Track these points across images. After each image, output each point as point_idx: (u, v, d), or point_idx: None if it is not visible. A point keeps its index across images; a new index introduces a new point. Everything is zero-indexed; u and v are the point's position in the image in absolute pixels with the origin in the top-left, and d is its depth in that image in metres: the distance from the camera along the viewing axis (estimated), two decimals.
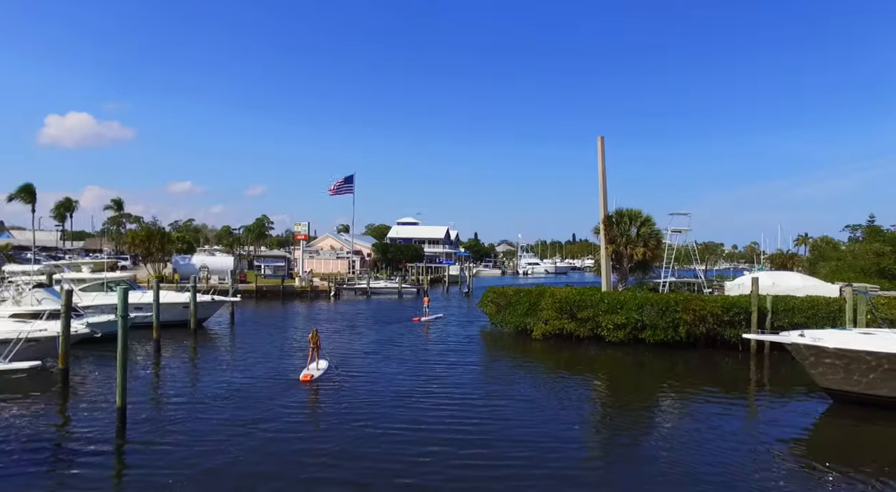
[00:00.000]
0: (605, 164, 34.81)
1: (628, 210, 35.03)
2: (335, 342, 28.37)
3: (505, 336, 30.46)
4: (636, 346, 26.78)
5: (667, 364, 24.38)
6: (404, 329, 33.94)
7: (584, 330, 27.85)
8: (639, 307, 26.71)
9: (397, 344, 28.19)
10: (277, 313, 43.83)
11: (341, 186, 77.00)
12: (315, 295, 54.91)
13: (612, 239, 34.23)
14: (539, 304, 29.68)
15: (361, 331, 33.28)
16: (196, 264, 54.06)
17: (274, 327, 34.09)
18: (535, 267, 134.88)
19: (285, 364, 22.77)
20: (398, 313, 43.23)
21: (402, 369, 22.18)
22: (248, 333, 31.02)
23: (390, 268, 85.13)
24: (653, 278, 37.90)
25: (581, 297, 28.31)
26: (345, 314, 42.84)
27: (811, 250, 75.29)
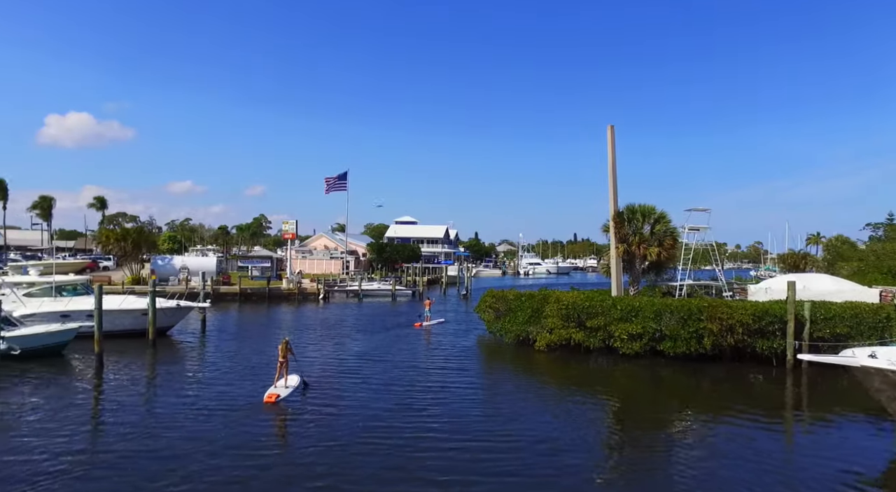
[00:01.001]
0: (615, 155, 31.58)
1: (641, 206, 31.78)
2: (315, 354, 25.17)
3: (505, 347, 27.22)
4: (654, 359, 23.62)
5: (690, 380, 21.31)
6: (394, 338, 30.70)
7: (595, 341, 24.64)
8: (656, 315, 23.50)
9: (383, 357, 24.99)
10: (259, 319, 40.61)
11: (335, 182, 73.73)
12: (303, 298, 51.68)
13: (623, 238, 30.98)
14: (543, 310, 26.48)
15: (345, 341, 30.07)
16: (176, 265, 50.89)
17: (250, 336, 30.86)
18: (537, 267, 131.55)
19: (251, 382, 19.66)
20: (390, 318, 40.00)
21: (384, 391, 18.94)
22: (219, 344, 27.79)
23: (386, 268, 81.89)
24: (666, 281, 34.66)
25: (590, 302, 25.10)
26: (331, 320, 39.64)
27: (826, 250, 71.93)
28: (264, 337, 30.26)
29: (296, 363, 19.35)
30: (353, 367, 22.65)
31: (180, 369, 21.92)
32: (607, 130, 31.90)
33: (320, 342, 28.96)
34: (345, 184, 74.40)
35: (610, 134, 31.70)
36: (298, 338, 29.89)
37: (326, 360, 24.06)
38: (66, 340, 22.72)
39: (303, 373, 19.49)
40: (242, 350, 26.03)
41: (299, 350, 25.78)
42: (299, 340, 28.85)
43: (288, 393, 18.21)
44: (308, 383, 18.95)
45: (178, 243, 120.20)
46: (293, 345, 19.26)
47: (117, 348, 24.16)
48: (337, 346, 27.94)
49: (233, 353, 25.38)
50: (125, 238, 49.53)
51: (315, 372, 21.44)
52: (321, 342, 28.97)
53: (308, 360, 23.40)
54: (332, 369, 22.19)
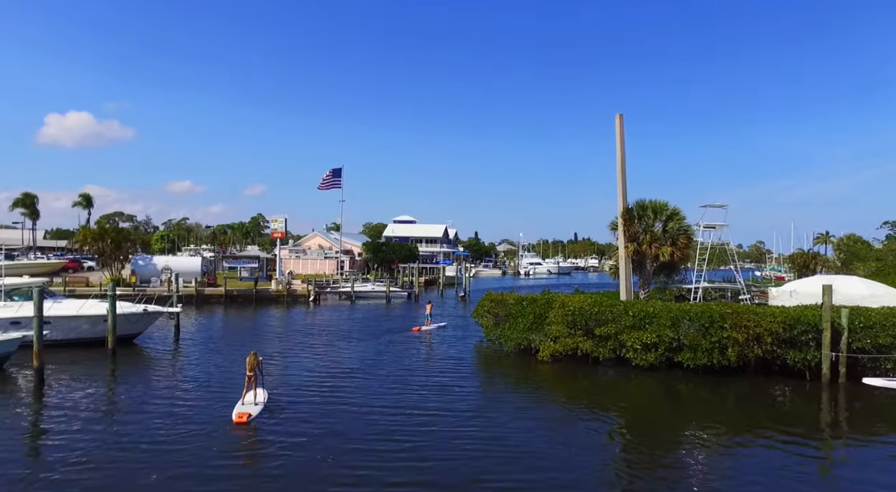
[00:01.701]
0: (624, 146, 29.10)
1: (652, 202, 29.29)
2: (295, 366, 22.70)
3: (504, 357, 24.73)
4: (670, 371, 21.19)
5: (712, 396, 19.00)
6: (385, 346, 28.24)
7: (604, 350, 22.19)
8: (674, 323, 21.03)
9: (369, 370, 22.53)
10: (243, 324, 38.16)
11: (329, 179, 71.28)
12: (292, 300, 49.17)
13: (632, 236, 28.50)
14: (546, 316, 24.04)
15: (331, 349, 27.61)
16: (158, 266, 48.42)
17: (229, 344, 28.37)
18: (538, 267, 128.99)
19: (221, 399, 17.26)
20: (382, 323, 37.53)
21: (368, 412, 16.47)
22: (191, 353, 25.32)
23: (381, 268, 79.38)
24: (678, 283, 32.21)
25: (599, 308, 22.65)
26: (319, 325, 37.17)
27: (837, 249, 69.33)
28: (244, 345, 27.79)
29: (262, 379, 16.96)
30: (335, 381, 20.18)
31: (140, 384, 19.43)
32: (616, 120, 29.43)
33: (303, 351, 26.48)
34: (339, 181, 71.97)
35: (618, 123, 29.23)
36: (281, 346, 27.46)
37: (308, 372, 21.60)
38: (9, 352, 20.23)
39: (270, 390, 17.08)
40: (216, 360, 23.57)
41: (279, 360, 23.46)
42: (281, 348, 26.43)
43: (259, 411, 16.07)
44: (264, 402, 16.60)
45: (170, 243, 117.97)
46: (267, 356, 16.88)
47: (72, 359, 21.75)
48: (321, 355, 25.47)
49: (205, 363, 22.93)
50: (103, 237, 47.01)
51: (295, 386, 19.04)
52: (304, 351, 26.49)
53: (287, 372, 20.97)
54: (314, 383, 19.73)
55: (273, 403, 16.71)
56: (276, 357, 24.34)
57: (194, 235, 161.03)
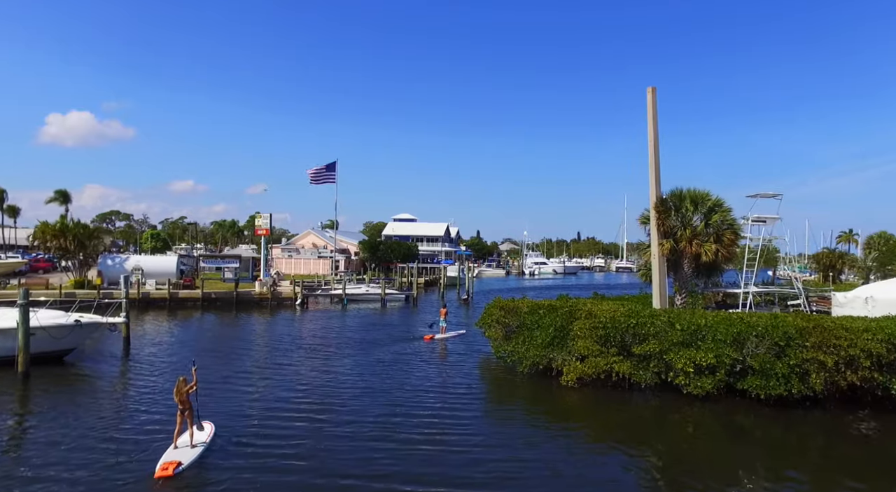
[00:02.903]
0: (657, 125, 24.50)
1: (691, 191, 24.80)
2: (263, 388, 18.17)
3: (518, 380, 20.12)
4: (732, 402, 16.72)
5: (788, 435, 14.80)
6: (372, 364, 23.72)
7: (646, 374, 17.63)
8: (736, 339, 16.47)
9: (350, 397, 18.00)
10: (216, 332, 33.65)
11: (322, 173, 66.62)
12: (277, 304, 44.60)
13: (667, 231, 23.97)
14: (570, 328, 19.50)
15: (313, 365, 23.10)
16: (129, 266, 43.91)
17: (193, 358, 23.87)
18: (543, 267, 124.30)
19: (157, 439, 12.93)
20: (375, 331, 32.97)
21: (349, 452, 11.98)
22: (138, 374, 20.79)
23: (379, 268, 74.80)
24: (716, 286, 27.68)
25: (637, 319, 18.10)
26: (304, 333, 32.63)
27: (867, 248, 64.54)
28: (212, 360, 23.29)
29: (197, 411, 12.67)
30: (306, 411, 15.64)
31: (50, 419, 14.92)
32: (647, 95, 24.82)
33: (276, 369, 21.95)
34: (333, 175, 67.25)
35: (650, 98, 24.62)
36: (251, 361, 22.92)
37: (275, 398, 17.08)
38: None
39: (226, 423, 12.67)
40: (167, 383, 19.03)
41: (243, 381, 18.94)
42: (250, 365, 21.88)
43: (195, 457, 11.97)
44: (205, 444, 12.24)
45: (162, 242, 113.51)
46: (231, 376, 12.55)
47: None
48: (294, 375, 20.93)
49: (150, 388, 18.43)
50: (64, 233, 42.48)
51: (255, 416, 14.57)
52: (276, 369, 21.96)
53: (249, 399, 16.43)
54: (278, 413, 15.23)
55: (226, 440, 12.43)
56: (241, 378, 19.84)
57: (189, 233, 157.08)
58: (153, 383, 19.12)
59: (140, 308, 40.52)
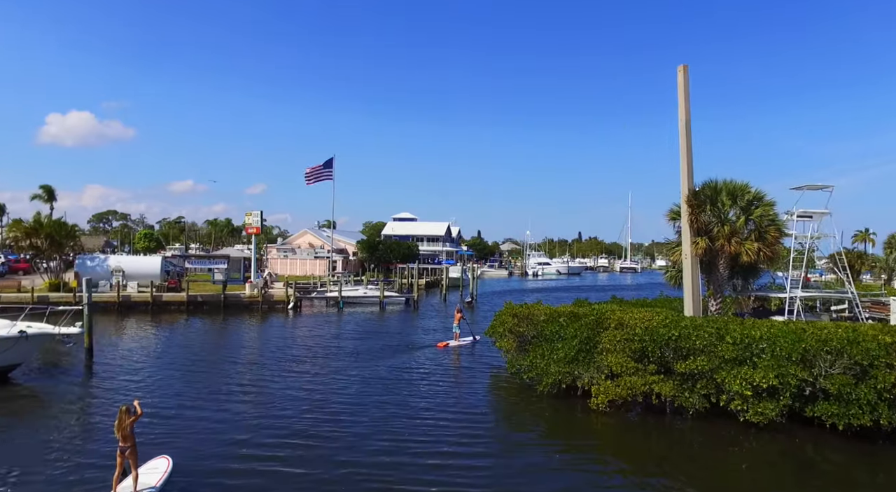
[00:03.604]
0: (689, 108, 21.71)
1: (727, 182, 21.94)
2: (242, 407, 15.36)
3: (537, 401, 17.25)
4: (800, 432, 13.89)
5: (874, 477, 11.91)
6: (363, 381, 20.92)
7: (694, 397, 14.82)
8: (805, 356, 13.67)
9: (338, 421, 15.21)
10: (199, 340, 30.86)
11: (320, 171, 63.82)
12: (268, 307, 41.78)
13: (701, 228, 21.16)
14: (598, 340, 16.71)
15: (297, 380, 20.31)
16: (109, 266, 41.08)
17: (166, 373, 21.09)
18: (546, 267, 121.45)
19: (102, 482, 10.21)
20: (375, 339, 30.15)
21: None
22: (95, 394, 17.99)
23: (378, 269, 71.96)
24: (750, 290, 24.85)
25: (679, 330, 15.30)
26: (295, 340, 29.83)
27: (888, 248, 61.75)
28: (184, 377, 20.56)
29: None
30: (288, 446, 12.82)
31: None
32: (678, 74, 22.03)
33: (257, 389, 19.16)
34: (331, 172, 64.45)
35: (682, 78, 21.82)
36: (230, 376, 20.09)
37: (248, 429, 14.28)
38: None
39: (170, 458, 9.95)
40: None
41: (216, 403, 15.95)
42: (228, 381, 19.03)
43: None
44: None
45: (155, 242, 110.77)
46: (203, 394, 9.94)
47: None
48: (279, 397, 18.13)
49: (103, 413, 15.61)
50: (37, 232, 39.56)
51: (224, 455, 11.74)
52: (258, 389, 19.17)
53: (219, 431, 13.62)
54: (252, 451, 12.42)
55: (187, 484, 9.79)
56: (214, 399, 17.05)
57: (186, 233, 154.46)
58: (114, 407, 16.30)
59: (120, 312, 37.77)
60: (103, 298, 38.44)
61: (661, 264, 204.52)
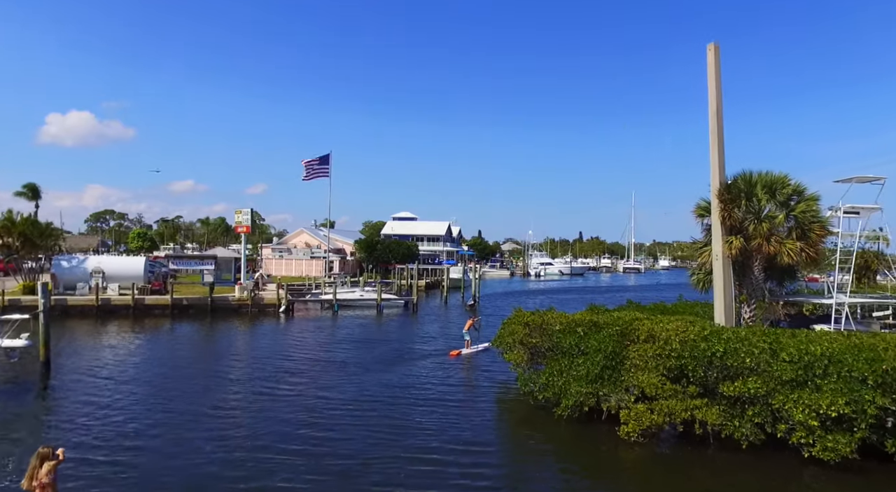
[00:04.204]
0: (720, 90, 19.33)
1: (763, 174, 19.52)
2: (211, 447, 12.96)
3: (553, 426, 14.81)
4: (877, 471, 11.48)
5: None
6: (365, 397, 18.55)
7: (745, 426, 12.42)
8: (884, 378, 11.27)
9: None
10: (176, 349, 28.47)
11: (316, 167, 61.54)
12: (259, 311, 39.38)
13: (734, 226, 18.77)
14: (625, 355, 14.33)
15: (285, 399, 17.95)
16: (88, 268, 38.68)
17: (127, 397, 18.72)
18: (549, 268, 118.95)
19: None
20: (371, 348, 27.77)
21: None
22: (47, 420, 15.62)
23: (376, 270, 69.52)
24: (782, 295, 22.43)
25: (724, 344, 12.92)
26: (284, 350, 27.42)
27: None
28: (146, 399, 18.21)
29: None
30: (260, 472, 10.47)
31: None
32: (708, 54, 19.68)
33: (229, 415, 16.79)
34: (327, 169, 62.23)
35: (712, 57, 19.47)
36: (196, 399, 17.70)
37: (215, 474, 11.91)
38: None
39: None
40: (84, 440, 13.86)
41: (170, 445, 13.41)
42: (191, 407, 16.62)
43: None
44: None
45: (149, 241, 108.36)
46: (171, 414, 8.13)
47: None
48: (259, 421, 15.76)
49: (55, 443, 13.24)
50: (10, 231, 37.12)
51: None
52: (231, 414, 16.80)
53: (179, 470, 11.23)
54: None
55: None
56: (175, 429, 14.68)
57: (182, 233, 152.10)
58: (66, 433, 13.95)
59: (100, 317, 35.36)
60: (81, 301, 36.05)
61: (663, 264, 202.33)
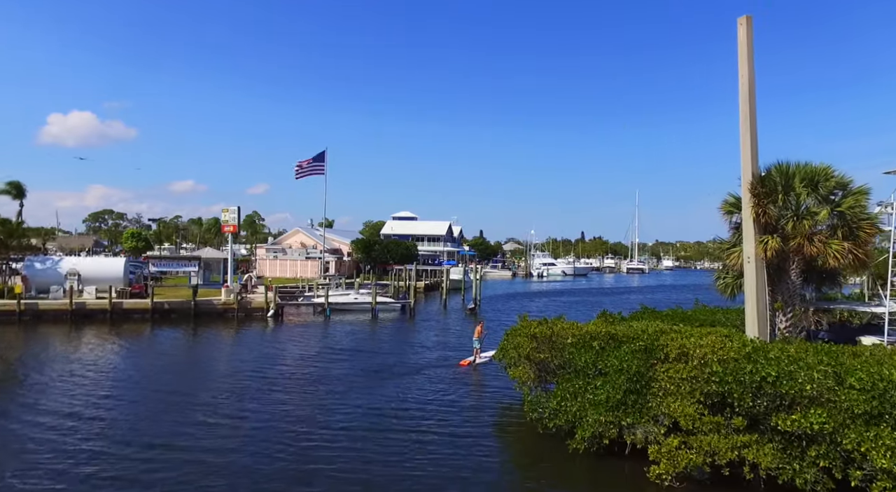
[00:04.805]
0: (753, 67, 16.98)
1: (801, 166, 17.20)
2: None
3: (567, 461, 12.47)
4: None
5: None
6: (348, 425, 16.29)
7: (808, 471, 10.08)
8: None
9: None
10: (147, 360, 26.20)
11: (310, 165, 59.14)
12: (246, 315, 37.12)
13: (769, 223, 16.46)
14: (652, 376, 12.02)
15: (258, 429, 15.68)
16: (62, 270, 36.42)
17: (79, 423, 16.48)
18: (551, 268, 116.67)
19: None
20: (362, 359, 25.50)
21: None
22: None
23: (374, 271, 67.21)
24: (823, 302, 20.06)
25: (775, 366, 10.61)
26: (268, 361, 25.14)
27: None
28: (112, 424, 15.99)
29: None
30: None
31: None
32: (739, 28, 17.32)
33: (190, 446, 14.50)
34: (322, 166, 59.74)
35: (744, 32, 17.11)
36: (155, 425, 15.42)
37: None
38: None
39: None
40: (9, 482, 11.61)
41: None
42: (148, 439, 14.35)
43: None
44: None
45: (143, 242, 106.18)
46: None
47: None
48: (228, 449, 13.49)
49: None
50: None
51: None
52: (194, 445, 14.52)
53: None
54: None
55: None
56: (132, 470, 12.43)
57: (179, 233, 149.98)
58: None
59: (74, 323, 33.11)
60: (54, 306, 33.83)
61: (667, 265, 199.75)
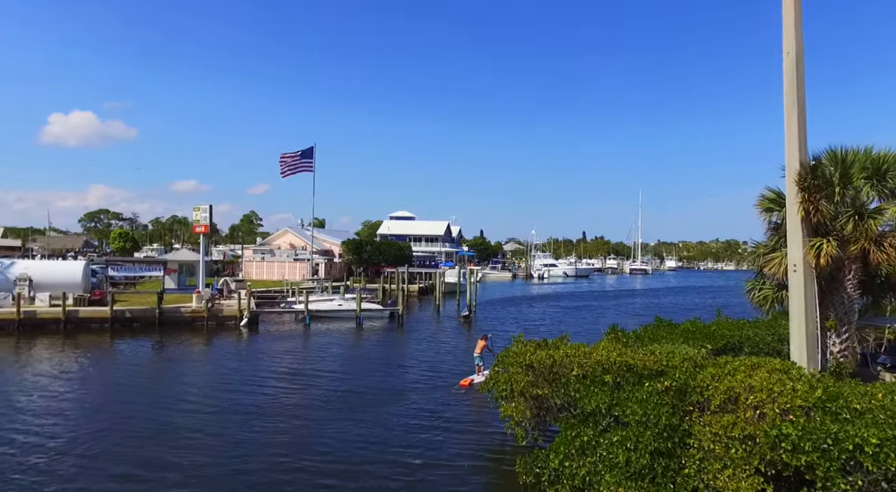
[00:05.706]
0: (801, 36, 13.74)
1: (861, 153, 14.04)
2: None
3: None
4: None
5: None
6: (291, 472, 13.09)
7: None
8: None
9: None
10: (100, 379, 23.04)
11: (297, 161, 56.06)
12: (217, 324, 33.97)
13: (820, 224, 13.27)
14: (687, 429, 8.81)
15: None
16: (13, 274, 33.20)
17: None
18: (552, 269, 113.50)
19: None
20: (328, 381, 22.29)
21: None
22: None
23: (365, 273, 64.01)
24: (884, 319, 16.81)
25: (872, 429, 7.36)
26: (234, 382, 21.96)
27: None
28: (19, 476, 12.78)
29: None
30: None
31: None
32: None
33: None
34: (311, 163, 56.70)
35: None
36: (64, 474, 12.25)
37: None
38: None
39: None
40: None
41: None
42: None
43: None
44: None
45: (132, 242, 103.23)
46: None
47: None
48: None
49: None
50: None
51: None
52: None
53: None
54: None
55: None
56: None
57: (175, 233, 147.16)
58: None
59: (22, 334, 29.93)
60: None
61: (670, 265, 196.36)
